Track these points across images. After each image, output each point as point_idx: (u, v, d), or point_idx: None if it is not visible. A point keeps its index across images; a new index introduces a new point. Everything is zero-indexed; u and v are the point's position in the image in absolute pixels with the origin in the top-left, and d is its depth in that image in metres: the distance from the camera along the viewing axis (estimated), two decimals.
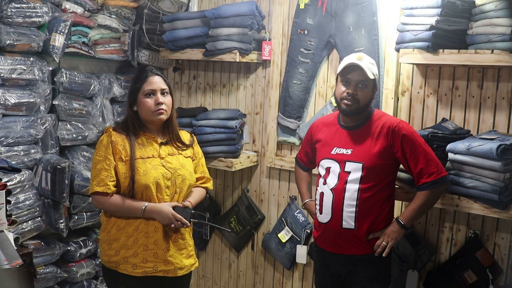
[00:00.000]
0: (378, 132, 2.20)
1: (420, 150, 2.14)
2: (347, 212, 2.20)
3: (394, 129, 2.16)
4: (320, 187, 2.31)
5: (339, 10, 2.79)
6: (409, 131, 2.16)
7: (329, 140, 2.33)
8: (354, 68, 2.18)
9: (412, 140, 2.14)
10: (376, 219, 2.22)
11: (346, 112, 2.23)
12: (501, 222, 2.45)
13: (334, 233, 2.25)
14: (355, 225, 2.19)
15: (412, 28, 2.36)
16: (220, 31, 3.02)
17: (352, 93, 2.18)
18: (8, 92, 2.56)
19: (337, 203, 2.21)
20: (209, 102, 3.47)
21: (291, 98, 3.01)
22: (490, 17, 2.20)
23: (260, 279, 3.35)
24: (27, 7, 2.56)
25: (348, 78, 2.20)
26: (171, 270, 2.21)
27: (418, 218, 2.28)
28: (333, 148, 2.28)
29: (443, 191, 2.23)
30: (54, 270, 2.84)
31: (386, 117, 2.26)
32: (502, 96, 2.43)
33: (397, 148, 2.15)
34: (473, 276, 2.45)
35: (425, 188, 2.14)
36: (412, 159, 2.14)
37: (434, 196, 2.17)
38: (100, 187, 2.13)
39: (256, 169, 3.29)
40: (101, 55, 3.07)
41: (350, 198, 2.19)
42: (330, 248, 2.29)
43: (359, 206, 2.18)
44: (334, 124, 2.36)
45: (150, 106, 2.20)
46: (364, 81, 2.18)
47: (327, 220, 2.25)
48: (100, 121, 3.08)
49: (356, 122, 2.26)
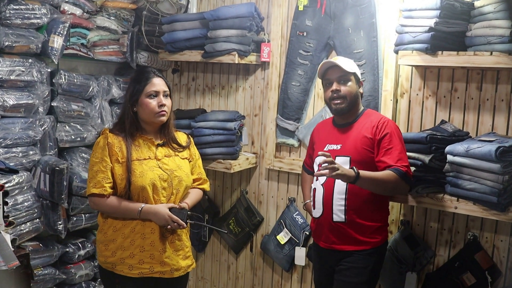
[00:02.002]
0: (367, 127, 2.28)
1: (396, 148, 2.19)
2: (337, 205, 2.27)
3: (380, 124, 2.25)
4: (314, 184, 2.41)
5: (338, 12, 2.79)
6: (395, 130, 2.25)
7: (323, 139, 2.43)
8: (330, 67, 2.32)
9: (393, 138, 2.21)
10: (367, 212, 2.26)
11: (338, 112, 2.34)
12: (500, 224, 2.44)
13: (326, 228, 2.32)
14: (345, 218, 2.26)
15: (411, 30, 2.36)
16: (219, 32, 3.02)
17: (336, 89, 2.29)
18: (6, 94, 2.56)
19: (327, 197, 2.29)
20: (208, 103, 3.46)
21: (290, 100, 3.01)
22: (489, 19, 2.19)
23: (258, 281, 3.34)
24: (25, 8, 2.56)
25: (328, 78, 2.34)
26: (167, 271, 2.21)
27: (370, 184, 2.13)
28: (325, 145, 2.37)
29: (400, 189, 2.22)
30: (53, 271, 2.83)
31: (376, 115, 2.37)
32: (501, 98, 2.42)
33: (379, 137, 2.23)
34: (472, 278, 2.45)
35: (394, 171, 2.14)
36: (387, 153, 2.19)
37: (394, 184, 2.14)
38: (96, 189, 2.13)
39: (255, 171, 3.28)
40: (100, 57, 3.07)
41: (339, 191, 2.26)
42: (323, 243, 2.37)
43: (348, 199, 2.25)
44: (329, 124, 2.48)
45: (153, 107, 2.21)
46: (343, 76, 2.30)
47: (319, 215, 2.34)
48: (98, 122, 3.07)
49: (348, 120, 2.36)
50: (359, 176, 2.06)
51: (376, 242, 2.30)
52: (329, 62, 2.33)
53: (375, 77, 2.71)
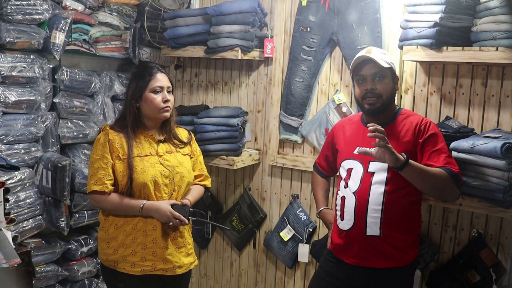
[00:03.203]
0: (406, 130, 2.09)
1: (443, 151, 2.05)
2: (372, 217, 2.05)
3: (423, 125, 2.08)
4: (342, 191, 2.17)
5: (342, 7, 2.77)
6: (438, 132, 2.09)
7: (352, 140, 2.19)
8: (365, 62, 2.09)
9: (439, 140, 2.06)
10: (403, 225, 2.08)
11: (371, 112, 2.11)
12: (505, 222, 2.42)
13: (357, 241, 2.10)
14: (380, 232, 2.05)
15: (415, 25, 2.33)
16: (221, 28, 3.00)
17: (372, 88, 2.07)
18: (8, 90, 2.55)
19: (360, 208, 2.06)
20: (211, 100, 3.45)
21: (293, 96, 2.99)
22: (495, 14, 2.16)
23: (261, 277, 3.33)
24: (27, 4, 2.55)
25: (362, 75, 2.10)
26: (170, 269, 2.20)
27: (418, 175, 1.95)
28: (355, 148, 2.12)
29: (449, 191, 2.04)
30: (55, 268, 2.83)
31: (415, 115, 2.17)
32: (507, 94, 2.40)
33: (422, 139, 2.05)
34: (476, 275, 2.43)
35: (446, 170, 1.97)
36: (434, 156, 2.02)
37: (445, 183, 1.97)
38: (97, 186, 2.12)
39: (258, 167, 3.27)
40: (102, 53, 3.06)
41: (375, 202, 2.04)
42: (352, 260, 2.13)
43: (385, 211, 2.04)
44: (358, 124, 2.23)
45: (158, 103, 2.19)
46: (380, 72, 2.08)
47: (349, 227, 2.11)
48: (101, 119, 3.07)
49: (382, 121, 2.10)
50: (408, 162, 1.87)
51: (410, 258, 2.13)
52: (364, 56, 2.09)
53: None
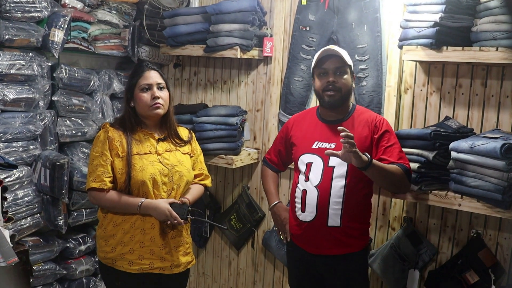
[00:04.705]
0: (363, 126, 2.19)
1: (396, 146, 2.16)
2: (333, 209, 2.16)
3: (378, 122, 2.19)
4: (302, 184, 2.24)
5: (341, 7, 2.76)
6: (391, 128, 2.21)
7: (309, 135, 2.27)
8: (328, 57, 2.18)
9: (391, 136, 2.18)
10: (360, 215, 2.22)
11: (331, 104, 2.19)
12: (504, 222, 2.42)
13: (318, 232, 2.20)
14: (340, 222, 2.16)
15: (415, 25, 2.32)
16: (221, 27, 2.99)
17: (333, 81, 2.16)
18: (6, 88, 2.54)
19: (323, 200, 2.16)
20: (210, 98, 3.44)
21: (292, 95, 2.98)
22: (495, 14, 2.16)
23: (260, 277, 3.33)
24: (26, 1, 2.53)
25: (324, 68, 2.19)
26: (167, 267, 2.20)
27: (379, 174, 2.04)
28: (314, 143, 2.22)
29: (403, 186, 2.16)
30: (53, 267, 2.83)
31: (369, 112, 2.28)
32: (506, 95, 2.40)
33: (377, 135, 2.17)
34: (475, 276, 2.43)
35: (400, 166, 2.10)
36: (388, 151, 2.14)
37: (400, 179, 2.09)
38: (96, 183, 2.12)
39: (257, 167, 3.26)
40: (101, 51, 3.05)
41: (336, 195, 2.15)
42: (312, 249, 2.24)
43: (345, 203, 2.16)
44: (313, 119, 2.31)
45: (146, 100, 2.19)
46: (342, 68, 2.17)
47: (311, 219, 2.20)
48: (99, 117, 3.06)
49: (338, 116, 2.23)
50: (371, 163, 1.96)
51: (364, 244, 2.27)
52: (329, 50, 2.18)
53: (378, 72, 2.68)
